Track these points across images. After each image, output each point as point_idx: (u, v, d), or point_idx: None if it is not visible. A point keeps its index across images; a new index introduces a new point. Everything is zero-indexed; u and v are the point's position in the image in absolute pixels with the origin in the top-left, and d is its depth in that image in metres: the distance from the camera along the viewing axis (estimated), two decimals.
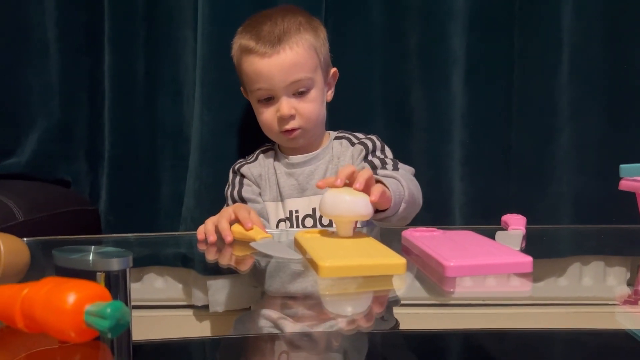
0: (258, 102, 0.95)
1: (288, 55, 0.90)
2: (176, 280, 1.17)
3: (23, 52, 1.15)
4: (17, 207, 0.91)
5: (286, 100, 0.92)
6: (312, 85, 0.94)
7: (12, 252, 0.48)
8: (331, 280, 0.56)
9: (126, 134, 1.16)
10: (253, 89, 0.94)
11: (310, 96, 0.94)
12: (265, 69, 0.91)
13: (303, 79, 0.92)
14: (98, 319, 0.35)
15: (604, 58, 1.11)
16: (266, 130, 0.98)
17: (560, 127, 1.11)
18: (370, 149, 0.97)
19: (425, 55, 1.12)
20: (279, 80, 0.91)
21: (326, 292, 0.59)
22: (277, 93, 0.92)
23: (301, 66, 0.91)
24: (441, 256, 0.55)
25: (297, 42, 0.91)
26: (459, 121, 1.12)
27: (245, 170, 1.01)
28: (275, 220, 0.98)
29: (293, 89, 0.92)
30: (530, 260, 0.54)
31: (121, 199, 1.17)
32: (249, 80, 0.94)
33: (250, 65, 0.92)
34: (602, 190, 1.08)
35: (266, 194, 1.00)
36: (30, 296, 0.38)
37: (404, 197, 0.80)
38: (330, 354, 0.47)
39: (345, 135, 1.01)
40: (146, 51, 1.16)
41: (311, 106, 0.94)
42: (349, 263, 0.56)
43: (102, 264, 0.41)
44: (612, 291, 1.12)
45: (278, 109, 0.92)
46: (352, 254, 0.60)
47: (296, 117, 0.93)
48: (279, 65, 0.90)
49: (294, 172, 0.99)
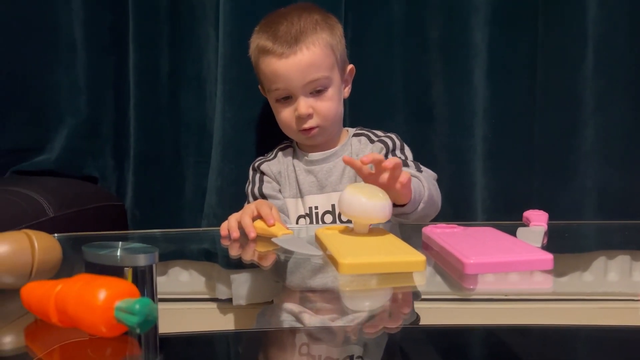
0: (276, 102, 0.96)
1: (305, 55, 0.91)
2: (200, 274, 1.19)
3: (51, 52, 1.18)
4: (48, 203, 0.94)
5: (304, 99, 0.93)
6: (329, 83, 0.94)
7: (46, 249, 0.50)
8: (352, 276, 0.57)
9: (151, 131, 1.19)
10: (271, 89, 0.95)
11: (328, 94, 0.94)
12: (283, 70, 0.91)
13: (320, 78, 0.92)
14: (127, 314, 0.37)
15: (630, 50, 1.08)
16: (285, 128, 0.98)
17: (585, 121, 1.09)
18: (390, 148, 0.97)
19: (446, 49, 1.12)
20: (297, 80, 0.91)
21: (347, 288, 0.59)
22: (294, 93, 0.93)
23: (318, 66, 0.92)
24: (461, 253, 0.55)
25: (314, 41, 0.91)
26: (480, 115, 1.11)
27: (265, 168, 1.02)
28: (295, 217, 0.99)
29: (310, 88, 0.93)
30: (550, 257, 0.54)
31: (146, 195, 1.19)
32: (266, 80, 0.95)
33: (267, 66, 0.93)
34: (627, 184, 1.06)
35: (286, 190, 1.00)
36: (63, 292, 0.40)
37: (423, 197, 0.80)
38: (350, 347, 0.47)
39: (364, 132, 1.01)
40: (170, 49, 1.18)
41: (329, 104, 0.94)
42: (369, 260, 0.56)
43: (129, 260, 0.42)
44: (638, 286, 1.10)
45: (296, 109, 0.93)
46: (372, 251, 0.60)
47: (314, 116, 0.94)
48: (296, 65, 0.91)
49: (312, 169, 0.99)
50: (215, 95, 1.15)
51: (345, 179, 0.98)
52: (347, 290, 0.59)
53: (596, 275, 1.11)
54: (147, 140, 1.19)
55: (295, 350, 0.48)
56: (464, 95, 1.11)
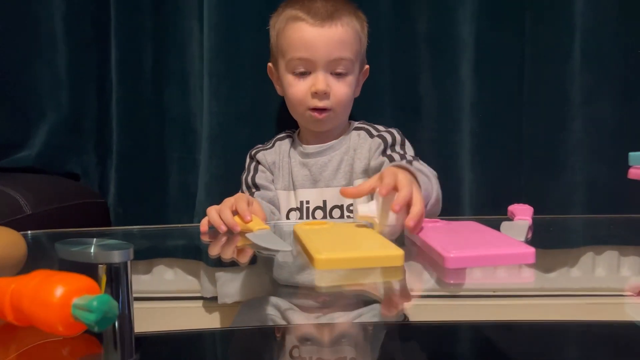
0: (292, 74, 0.93)
1: (338, 30, 0.89)
2: (185, 272, 1.17)
3: (31, 46, 1.16)
4: (25, 200, 0.92)
5: (324, 75, 0.90)
6: (351, 69, 0.92)
7: (8, 244, 0.48)
8: (329, 272, 0.56)
9: (134, 126, 1.17)
10: (292, 58, 0.91)
11: (347, 80, 0.92)
12: (313, 38, 0.89)
13: (346, 58, 0.90)
14: (85, 312, 0.35)
15: (617, 43, 1.08)
16: (295, 105, 0.95)
17: (572, 115, 1.09)
18: (389, 143, 0.94)
19: (433, 43, 1.11)
20: (324, 52, 0.89)
21: (323, 284, 0.58)
22: (316, 66, 0.90)
23: (348, 46, 0.90)
24: (442, 247, 0.54)
25: (348, 22, 0.91)
26: (468, 109, 1.10)
27: (261, 157, 1.00)
28: (286, 210, 0.98)
29: (333, 66, 0.91)
30: (532, 251, 0.53)
31: (130, 191, 1.18)
32: (290, 47, 0.91)
33: (296, 32, 0.90)
34: (615, 179, 1.05)
35: (279, 182, 0.99)
36: (19, 289, 0.38)
37: (430, 200, 0.77)
38: (342, 347, 0.46)
39: (364, 127, 0.99)
40: (153, 43, 1.16)
41: (346, 90, 0.92)
42: (345, 255, 0.55)
43: (103, 256, 0.41)
44: (626, 282, 1.09)
45: (314, 84, 0.90)
46: (349, 246, 0.59)
47: (330, 96, 0.91)
48: (328, 37, 0.89)
49: (307, 162, 0.98)
50: (199, 90, 1.14)
51: (340, 175, 0.96)
52: (323, 286, 0.58)
53: (584, 271, 1.11)
54: (130, 136, 1.17)
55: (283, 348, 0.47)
56: (452, 89, 1.10)
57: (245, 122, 1.12)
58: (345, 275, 0.56)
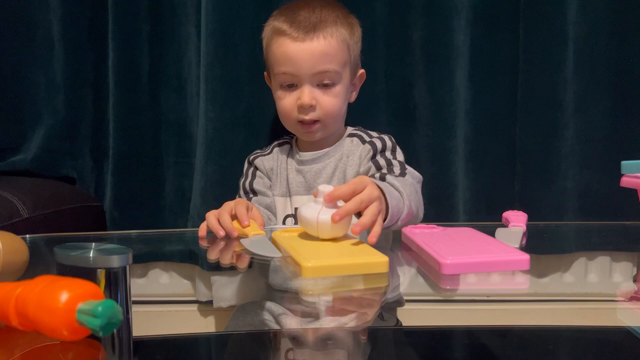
0: (280, 88, 0.94)
1: (320, 44, 0.89)
2: (181, 276, 1.17)
3: (28, 50, 1.16)
4: (22, 204, 0.92)
5: (309, 88, 0.91)
6: (338, 79, 0.92)
7: (11, 250, 0.48)
8: (316, 279, 0.56)
9: (130, 131, 1.17)
10: (278, 72, 0.92)
11: (335, 90, 0.92)
12: (295, 53, 0.89)
13: (330, 70, 0.90)
14: (90, 317, 0.36)
15: (610, 52, 1.09)
16: (284, 118, 0.96)
17: (566, 122, 1.10)
18: (378, 149, 0.95)
19: (428, 49, 1.12)
20: (307, 67, 0.89)
21: (310, 292, 0.58)
22: (301, 80, 0.91)
23: (331, 58, 0.90)
24: (438, 253, 0.55)
25: (332, 33, 0.90)
26: (462, 116, 1.11)
27: (259, 162, 1.01)
28: (283, 216, 0.98)
29: (318, 79, 0.91)
30: (527, 258, 0.54)
31: (126, 196, 1.18)
32: (275, 62, 0.93)
33: (279, 47, 0.91)
34: (607, 186, 1.07)
35: (276, 188, 0.99)
36: (23, 294, 0.38)
37: (401, 216, 0.78)
38: (335, 351, 0.47)
39: (357, 133, 1.00)
40: (150, 48, 1.16)
41: (333, 100, 0.92)
42: (332, 263, 0.56)
43: (102, 261, 0.41)
44: (617, 287, 1.11)
45: (299, 97, 0.91)
46: (334, 253, 0.60)
47: (316, 109, 0.92)
48: (309, 51, 0.89)
49: (302, 169, 0.98)
50: (196, 95, 1.14)
51: (334, 182, 0.97)
52: (312, 293, 0.58)
53: (577, 276, 1.12)
54: (126, 140, 1.17)
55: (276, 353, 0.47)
56: (446, 96, 1.11)
57: (241, 127, 1.12)
58: (332, 282, 0.57)
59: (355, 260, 0.56)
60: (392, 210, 0.74)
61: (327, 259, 0.57)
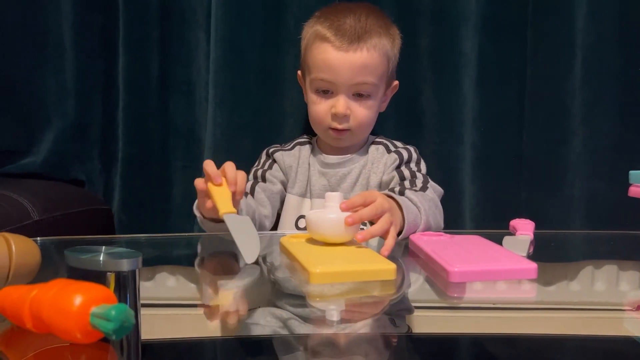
0: (315, 92, 0.94)
1: (363, 56, 0.89)
2: (187, 280, 1.18)
3: (40, 54, 1.17)
4: (32, 206, 0.93)
5: (344, 98, 0.91)
6: (374, 92, 0.92)
7: (24, 253, 0.49)
8: (324, 285, 0.56)
9: (139, 135, 1.18)
10: (315, 77, 0.92)
11: (369, 102, 0.93)
12: (336, 62, 0.89)
13: (368, 83, 0.91)
14: (103, 321, 0.36)
15: (618, 61, 1.10)
16: (315, 122, 0.96)
17: (573, 130, 1.10)
18: (404, 160, 0.96)
19: (436, 57, 1.12)
20: (346, 77, 0.89)
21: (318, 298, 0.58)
22: (337, 89, 0.91)
23: (371, 70, 0.90)
24: (445, 261, 0.55)
25: (375, 45, 0.90)
26: (470, 124, 1.11)
27: (278, 157, 1.00)
28: (296, 216, 0.98)
29: (355, 90, 0.91)
30: (534, 267, 0.54)
31: (134, 199, 1.19)
32: (315, 67, 0.92)
33: (321, 53, 0.90)
34: (614, 194, 1.06)
35: (294, 187, 0.99)
36: (38, 298, 0.39)
37: (417, 230, 0.78)
38: (352, 357, 0.47)
39: (382, 142, 1.00)
40: (159, 53, 1.17)
41: (367, 112, 0.93)
42: (340, 269, 0.56)
43: (112, 265, 0.41)
44: (624, 296, 1.10)
45: (334, 105, 0.91)
46: (342, 259, 0.60)
47: (350, 119, 0.92)
48: (351, 63, 0.89)
49: (327, 172, 0.98)
50: (204, 100, 1.15)
51: (357, 187, 0.97)
52: (320, 298, 0.58)
53: (583, 285, 1.11)
54: (135, 144, 1.18)
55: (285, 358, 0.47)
56: (453, 103, 1.11)
57: (248, 133, 1.13)
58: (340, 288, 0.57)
59: (363, 267, 0.57)
60: (408, 224, 0.75)
61: (335, 265, 0.57)
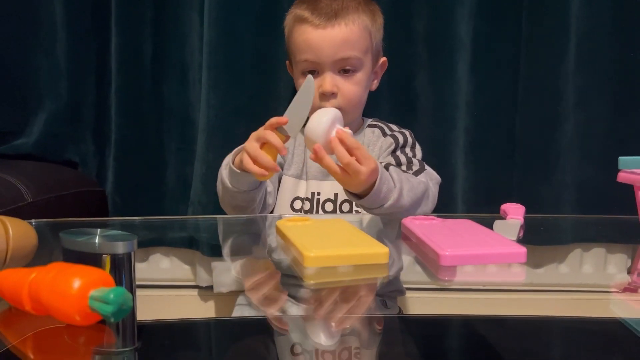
0: (302, 75, 0.94)
1: (342, 30, 0.89)
2: (181, 261, 1.19)
3: (31, 34, 1.16)
4: (26, 188, 0.92)
5: (331, 75, 0.91)
6: (360, 66, 0.92)
7: (21, 235, 0.49)
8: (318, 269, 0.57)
9: (132, 116, 1.17)
10: (299, 60, 0.93)
11: (356, 78, 0.93)
12: (316, 40, 0.90)
13: (352, 57, 0.91)
14: (102, 304, 0.37)
15: (612, 46, 1.10)
16: None
17: (566, 115, 1.10)
18: (400, 144, 0.96)
19: (431, 40, 1.12)
20: (328, 54, 0.90)
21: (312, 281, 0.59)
22: (322, 67, 0.91)
23: (352, 44, 0.90)
24: (437, 245, 0.56)
25: (354, 20, 0.90)
26: (463, 108, 1.12)
27: None
28: (291, 197, 0.98)
29: (340, 66, 0.91)
30: (524, 251, 0.55)
31: (128, 181, 1.18)
32: (297, 49, 0.93)
33: (301, 35, 0.91)
34: (605, 180, 1.07)
35: (290, 168, 0.99)
36: (37, 280, 0.39)
37: (385, 204, 0.80)
38: (346, 338, 0.48)
39: (378, 125, 1.01)
40: (153, 34, 1.16)
41: (355, 88, 0.93)
42: (334, 252, 0.57)
43: (107, 247, 0.41)
44: (611, 279, 1.12)
45: (321, 85, 0.91)
46: (336, 243, 0.61)
47: (337, 96, 0.92)
48: (330, 39, 0.89)
49: None
50: (198, 82, 1.14)
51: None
52: (315, 281, 0.59)
53: (572, 268, 1.14)
54: (128, 126, 1.17)
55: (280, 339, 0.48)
56: (447, 87, 1.11)
57: (242, 115, 1.12)
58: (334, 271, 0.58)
59: (357, 250, 0.57)
60: (375, 192, 0.77)
61: (330, 248, 0.58)
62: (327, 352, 0.44)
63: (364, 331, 0.50)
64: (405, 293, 0.90)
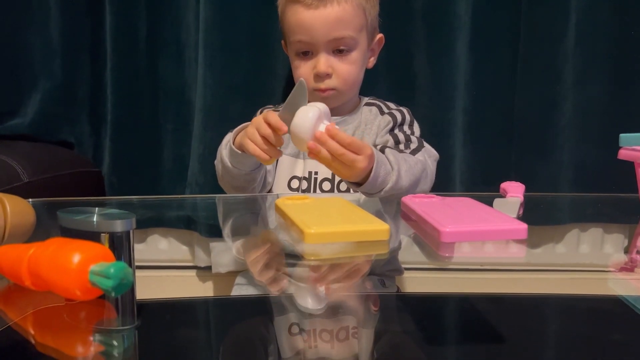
0: (296, 56, 0.93)
1: (334, 10, 0.88)
2: (180, 242, 1.19)
3: (25, 13, 1.14)
4: (22, 168, 0.92)
5: (325, 56, 0.90)
6: (354, 45, 0.91)
7: (19, 213, 0.49)
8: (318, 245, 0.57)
9: (128, 96, 1.16)
10: (293, 41, 0.91)
11: (351, 57, 0.91)
12: (308, 21, 0.88)
13: (346, 37, 0.89)
14: (102, 278, 0.36)
15: (611, 26, 1.09)
16: None
17: (564, 95, 1.10)
18: (398, 122, 0.95)
19: (430, 19, 1.11)
20: (321, 34, 0.88)
21: (313, 258, 0.59)
22: (316, 48, 0.90)
23: (346, 23, 0.89)
24: (437, 222, 0.56)
25: None
26: (462, 87, 1.11)
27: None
28: (288, 176, 0.97)
29: (334, 46, 0.90)
30: (525, 227, 0.55)
31: (124, 161, 1.18)
32: (290, 30, 0.91)
33: (293, 15, 0.90)
34: (603, 159, 1.08)
35: (287, 147, 0.98)
36: (36, 255, 0.39)
37: (385, 187, 0.79)
38: (344, 317, 0.48)
39: (376, 103, 1.00)
40: (148, 12, 1.14)
41: (350, 68, 0.91)
42: (334, 229, 0.56)
43: (105, 225, 0.41)
44: (608, 258, 1.13)
45: (315, 65, 0.90)
46: (336, 220, 0.60)
47: (333, 77, 0.91)
48: (323, 18, 0.87)
49: None
50: (194, 61, 1.13)
51: None
52: (314, 258, 0.59)
53: (569, 247, 1.14)
54: (124, 106, 1.16)
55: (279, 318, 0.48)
56: (446, 66, 1.10)
57: (239, 94, 1.12)
58: (333, 248, 0.58)
59: (356, 227, 0.57)
60: (373, 177, 0.76)
61: (330, 225, 0.58)
62: (325, 331, 0.44)
63: (362, 310, 0.50)
64: (404, 272, 0.90)
